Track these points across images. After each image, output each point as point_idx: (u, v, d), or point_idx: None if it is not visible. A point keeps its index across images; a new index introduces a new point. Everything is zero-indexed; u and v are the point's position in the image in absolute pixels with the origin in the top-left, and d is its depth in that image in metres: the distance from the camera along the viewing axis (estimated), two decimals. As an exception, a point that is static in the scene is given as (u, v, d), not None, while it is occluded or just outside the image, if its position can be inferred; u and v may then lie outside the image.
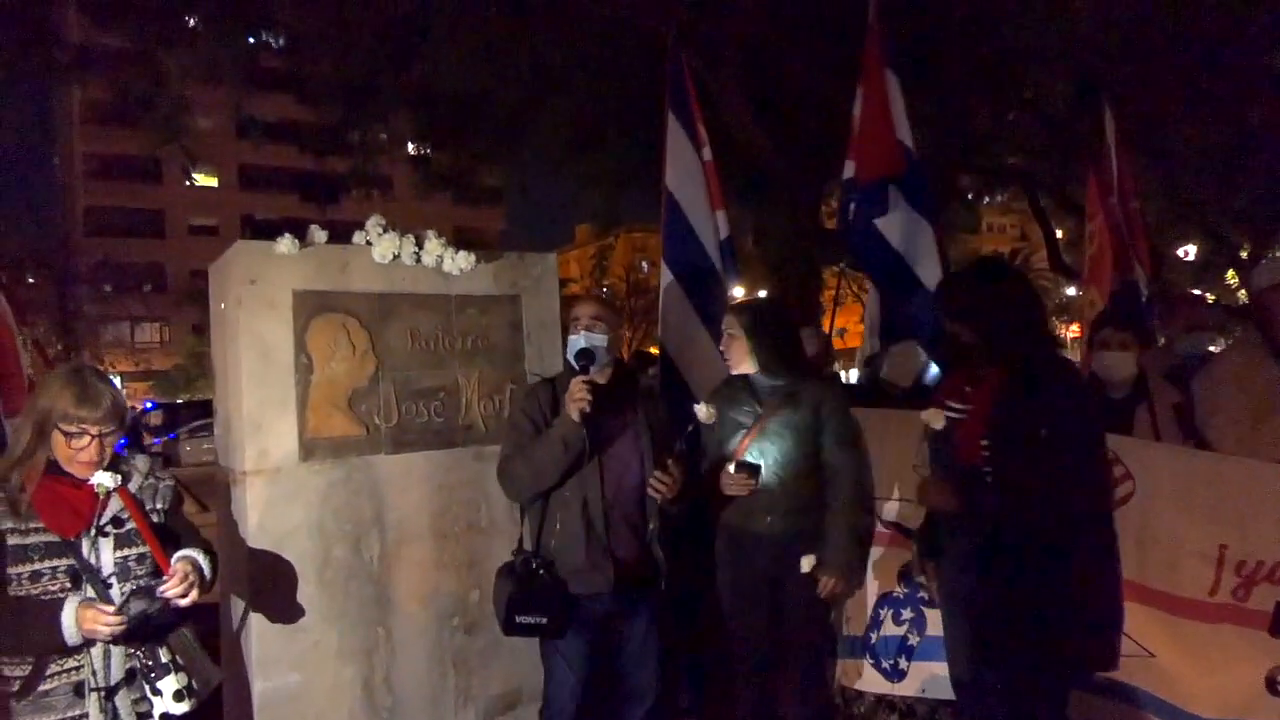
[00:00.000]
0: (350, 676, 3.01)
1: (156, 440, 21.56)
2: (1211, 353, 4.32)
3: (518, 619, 2.73)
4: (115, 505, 2.23)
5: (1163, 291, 4.58)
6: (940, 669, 3.24)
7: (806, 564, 3.03)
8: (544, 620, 2.72)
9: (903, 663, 3.54)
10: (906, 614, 3.53)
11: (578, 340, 2.82)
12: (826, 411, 3.09)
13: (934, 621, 3.31)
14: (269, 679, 2.86)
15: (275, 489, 2.92)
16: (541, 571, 2.76)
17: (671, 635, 3.14)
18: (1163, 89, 6.96)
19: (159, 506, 2.35)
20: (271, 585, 2.89)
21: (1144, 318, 3.81)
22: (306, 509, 2.97)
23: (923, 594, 3.40)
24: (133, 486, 2.30)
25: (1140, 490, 2.90)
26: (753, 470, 3.02)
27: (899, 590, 3.55)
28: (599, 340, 2.82)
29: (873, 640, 3.61)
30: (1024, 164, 10.48)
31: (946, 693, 3.27)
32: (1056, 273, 13.28)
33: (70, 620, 2.03)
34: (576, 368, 2.77)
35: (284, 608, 2.89)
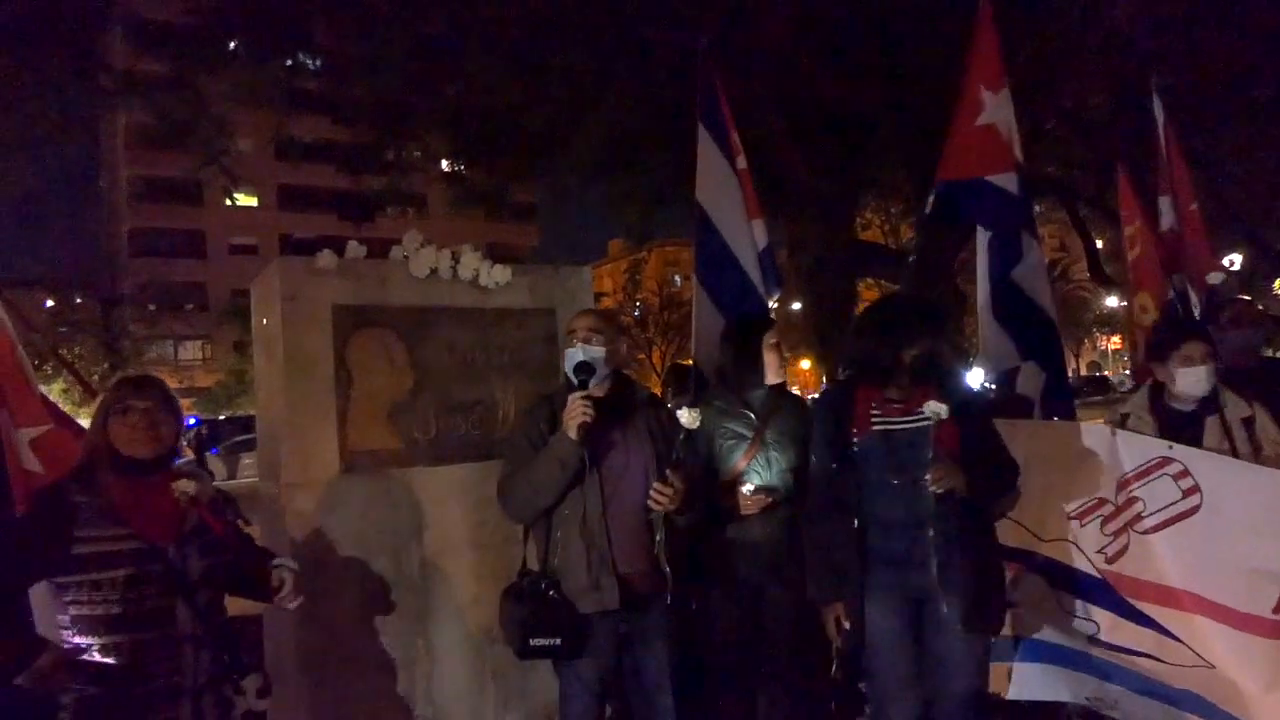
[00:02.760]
0: (392, 687, 3.03)
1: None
2: (1269, 356, 4.16)
3: (531, 642, 2.66)
4: (194, 514, 2.27)
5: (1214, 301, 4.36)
6: (1019, 668, 3.33)
7: None
8: (557, 642, 2.66)
9: None
10: None
11: (575, 353, 2.75)
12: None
13: (1010, 621, 3.28)
14: (312, 689, 2.88)
15: (317, 500, 2.96)
16: (551, 592, 2.69)
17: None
18: (1207, 94, 6.84)
19: (228, 515, 2.40)
20: (314, 597, 2.89)
21: (1201, 328, 3.68)
22: (348, 520, 3.00)
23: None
24: (203, 499, 2.34)
25: (1206, 503, 2.84)
26: (769, 490, 3.15)
27: None
28: (596, 353, 2.75)
29: None
30: (1062, 174, 10.34)
31: (1024, 694, 3.33)
32: (1097, 284, 13.07)
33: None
34: (575, 382, 2.70)
35: (327, 620, 2.92)
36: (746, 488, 3.13)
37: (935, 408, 2.77)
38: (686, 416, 3.04)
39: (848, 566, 2.82)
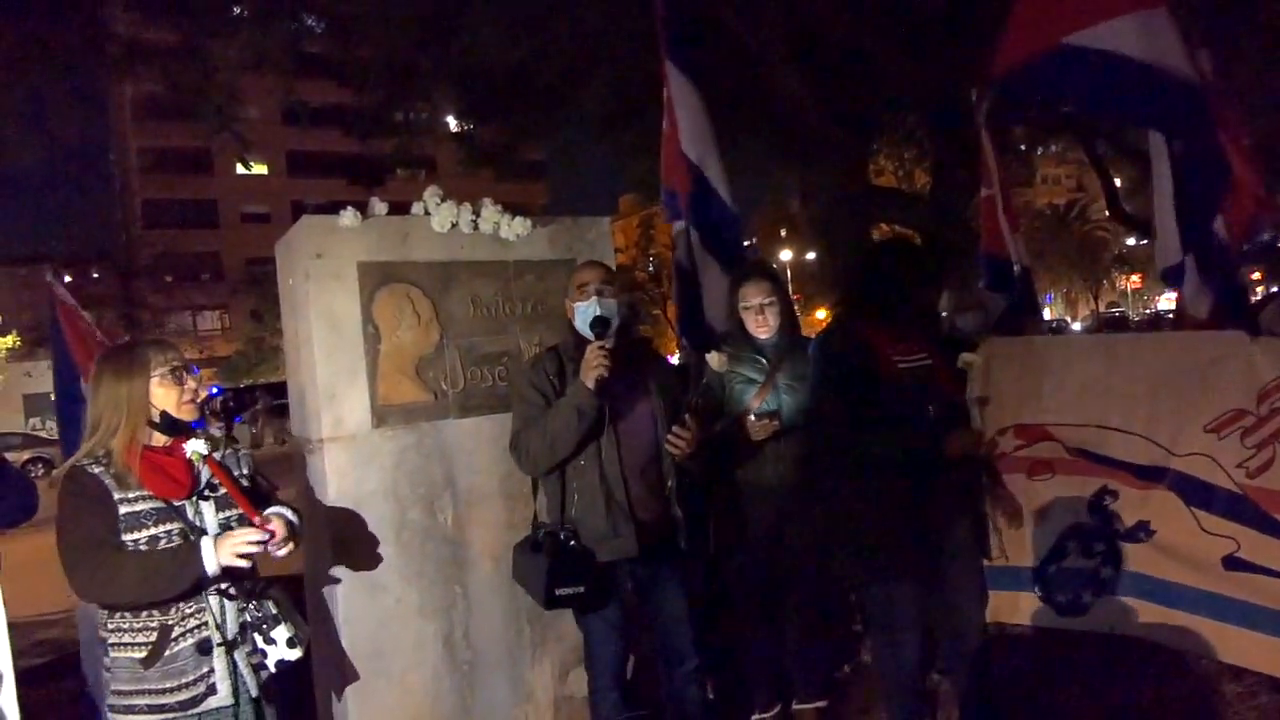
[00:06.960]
0: (431, 633, 3.13)
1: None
2: None
3: (557, 592, 2.70)
4: (206, 472, 2.34)
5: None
6: (1136, 605, 3.19)
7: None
8: (581, 589, 2.72)
9: (1086, 597, 3.35)
10: (1099, 547, 3.32)
11: (590, 308, 2.79)
12: None
13: (1132, 556, 3.21)
14: (354, 636, 2.98)
15: (351, 455, 3.03)
16: (572, 542, 2.76)
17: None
18: (1236, 27, 6.69)
19: (244, 472, 2.47)
20: (352, 547, 3.00)
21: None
22: (381, 473, 3.07)
23: (1118, 526, 3.25)
24: (215, 456, 2.40)
25: None
26: (772, 414, 3.16)
27: (1090, 521, 3.35)
28: (610, 306, 2.81)
29: (1049, 572, 3.44)
30: (1079, 112, 10.15)
31: (1136, 630, 3.23)
32: (1116, 222, 12.88)
33: (209, 549, 2.15)
34: (591, 336, 2.75)
35: (365, 569, 3.01)
36: (751, 416, 3.16)
37: (969, 358, 2.88)
38: (716, 359, 3.18)
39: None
